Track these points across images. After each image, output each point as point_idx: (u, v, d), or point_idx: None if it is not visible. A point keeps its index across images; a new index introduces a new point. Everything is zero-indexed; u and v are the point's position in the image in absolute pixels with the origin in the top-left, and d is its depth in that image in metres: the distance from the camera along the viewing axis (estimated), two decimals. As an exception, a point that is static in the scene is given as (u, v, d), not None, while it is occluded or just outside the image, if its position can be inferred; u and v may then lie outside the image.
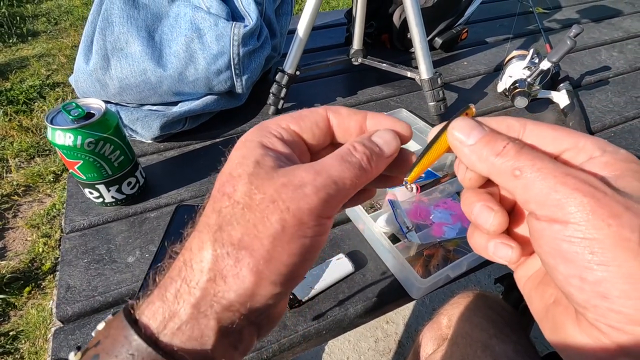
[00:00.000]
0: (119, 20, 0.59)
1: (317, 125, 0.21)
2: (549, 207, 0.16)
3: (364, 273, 0.47)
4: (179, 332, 0.16)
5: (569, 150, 0.19)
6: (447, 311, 0.56)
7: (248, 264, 0.16)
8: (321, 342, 0.43)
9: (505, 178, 0.18)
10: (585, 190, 0.15)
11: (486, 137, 0.19)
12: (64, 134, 0.44)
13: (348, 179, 0.18)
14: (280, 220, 0.17)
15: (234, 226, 0.17)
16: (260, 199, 0.17)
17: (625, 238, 0.15)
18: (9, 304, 1.17)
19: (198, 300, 0.17)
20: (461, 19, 0.92)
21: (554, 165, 0.17)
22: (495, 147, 0.18)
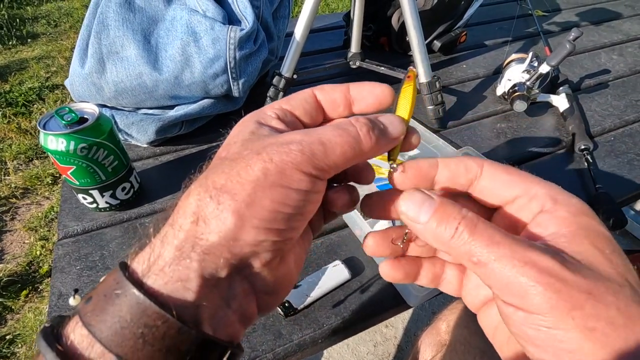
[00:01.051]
0: (114, 23, 0.59)
1: (306, 101, 0.21)
2: (512, 296, 0.16)
3: (360, 280, 0.46)
4: (162, 273, 0.16)
5: (520, 197, 0.19)
6: (445, 317, 0.56)
7: (230, 205, 0.16)
8: (317, 351, 0.42)
9: (464, 261, 0.18)
10: (545, 281, 0.15)
11: (437, 213, 0.18)
12: (57, 139, 0.44)
13: (338, 144, 0.18)
14: (263, 168, 0.17)
15: (218, 174, 0.17)
16: (247, 153, 0.18)
17: (590, 328, 0.15)
18: (6, 307, 1.16)
19: (181, 242, 0.17)
20: (460, 21, 0.91)
21: (511, 250, 0.16)
22: (448, 228, 0.17)
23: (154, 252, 0.17)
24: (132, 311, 0.15)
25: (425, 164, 0.21)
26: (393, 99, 0.21)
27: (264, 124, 0.20)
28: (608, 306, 0.15)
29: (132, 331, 0.15)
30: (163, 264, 0.16)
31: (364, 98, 0.21)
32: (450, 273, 0.23)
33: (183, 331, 0.16)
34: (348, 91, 0.22)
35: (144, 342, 0.15)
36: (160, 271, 0.16)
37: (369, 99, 0.21)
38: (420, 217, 0.18)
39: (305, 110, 0.21)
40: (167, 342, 0.15)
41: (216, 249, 0.16)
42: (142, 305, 0.15)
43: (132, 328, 0.15)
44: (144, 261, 0.17)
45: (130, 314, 0.15)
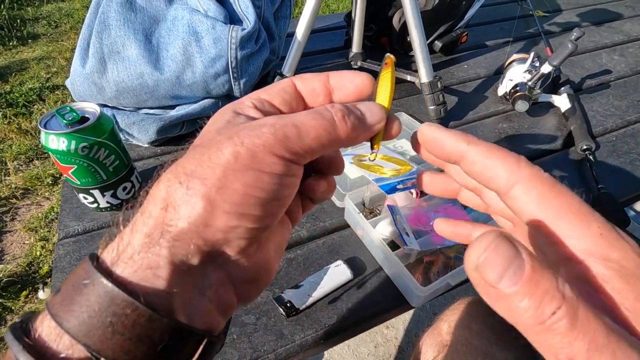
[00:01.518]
0: (115, 23, 0.58)
1: (285, 90, 0.21)
2: None
3: (362, 280, 0.46)
4: (131, 261, 0.16)
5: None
6: (447, 317, 0.56)
7: (199, 190, 0.16)
8: (319, 352, 0.42)
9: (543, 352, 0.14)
10: None
11: (528, 284, 0.13)
12: (58, 138, 0.43)
13: (313, 127, 0.18)
14: (233, 152, 0.16)
15: (189, 160, 0.17)
16: (219, 139, 0.17)
17: None
18: (6, 307, 1.16)
19: (150, 229, 0.16)
20: (461, 22, 0.91)
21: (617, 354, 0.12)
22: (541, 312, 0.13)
23: (123, 240, 0.17)
24: (100, 300, 0.15)
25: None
26: (373, 87, 0.21)
27: (241, 114, 0.19)
28: None
29: (101, 320, 0.15)
30: (132, 251, 0.16)
31: (344, 87, 0.21)
32: None
33: (154, 319, 0.15)
34: (328, 80, 0.21)
35: (113, 331, 0.15)
36: (129, 259, 0.16)
37: (348, 88, 0.21)
38: (502, 285, 0.13)
39: (283, 100, 0.21)
40: (138, 331, 0.15)
41: (186, 235, 0.16)
42: (111, 294, 0.15)
43: (100, 317, 0.15)
44: (114, 250, 0.16)
45: (99, 303, 0.15)
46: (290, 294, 0.43)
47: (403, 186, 0.52)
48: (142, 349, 0.15)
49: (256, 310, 0.43)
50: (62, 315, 0.15)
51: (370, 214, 0.52)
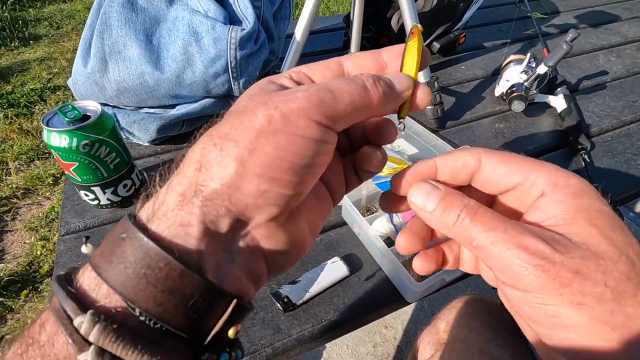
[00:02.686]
0: (117, 23, 0.59)
1: (329, 67, 0.21)
2: (508, 277, 0.17)
3: (359, 276, 0.47)
4: (165, 217, 0.16)
5: (521, 185, 0.19)
6: (444, 315, 0.56)
7: (232, 152, 0.16)
8: (316, 346, 0.43)
9: (466, 246, 0.19)
10: (535, 263, 0.16)
11: (442, 202, 0.19)
12: (60, 135, 0.44)
13: (347, 92, 0.18)
14: (267, 115, 0.17)
15: (223, 124, 0.17)
16: (253, 104, 0.17)
17: (578, 303, 0.16)
18: (6, 307, 1.16)
19: (184, 188, 0.17)
20: (459, 23, 0.92)
21: (506, 235, 0.17)
22: (451, 215, 0.19)
23: (158, 199, 0.17)
24: (135, 253, 0.16)
25: (424, 167, 0.21)
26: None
27: (275, 82, 0.20)
28: (596, 283, 0.16)
29: (136, 272, 0.15)
30: (166, 209, 0.17)
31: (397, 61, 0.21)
32: (466, 253, 0.24)
33: (185, 274, 0.16)
34: (380, 55, 0.21)
35: (147, 282, 0.15)
36: (163, 216, 0.16)
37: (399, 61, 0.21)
38: (427, 206, 0.20)
39: (323, 75, 0.21)
40: (170, 284, 0.15)
41: (218, 195, 0.16)
42: (145, 247, 0.16)
43: (135, 269, 0.15)
44: (149, 208, 0.17)
45: (134, 255, 0.16)
46: (288, 289, 0.44)
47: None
48: (173, 302, 0.16)
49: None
50: (101, 266, 0.16)
51: (367, 211, 0.52)
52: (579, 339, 0.16)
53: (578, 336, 0.16)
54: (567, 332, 0.17)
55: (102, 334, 0.14)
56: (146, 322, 0.15)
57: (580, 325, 0.16)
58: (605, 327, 0.16)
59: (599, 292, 0.16)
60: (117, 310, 0.15)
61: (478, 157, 0.20)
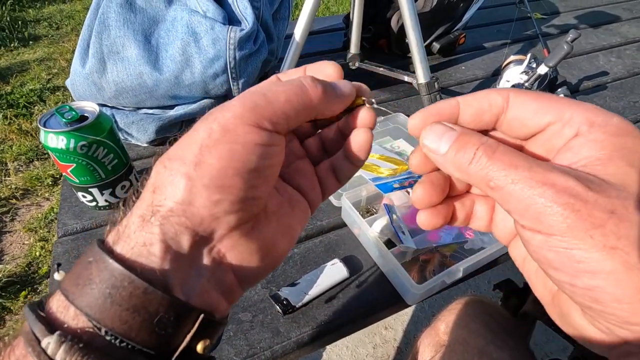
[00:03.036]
0: (115, 23, 0.59)
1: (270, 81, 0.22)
2: (529, 219, 0.16)
3: (359, 278, 0.46)
4: (128, 239, 0.17)
5: (553, 124, 0.17)
6: (444, 317, 0.56)
7: (179, 169, 0.17)
8: (315, 349, 0.42)
9: (482, 188, 0.17)
10: (563, 202, 0.15)
11: (457, 142, 0.18)
12: (57, 136, 0.44)
13: (282, 93, 0.18)
14: (207, 129, 0.17)
15: (173, 147, 0.18)
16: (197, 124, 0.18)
17: (611, 247, 0.14)
18: (5, 308, 1.16)
19: (143, 211, 0.17)
20: (459, 24, 0.92)
21: (530, 172, 0.16)
22: (466, 154, 0.17)
23: (122, 223, 0.18)
24: (101, 274, 0.16)
25: (446, 106, 0.19)
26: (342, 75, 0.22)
27: None
28: (633, 225, 0.14)
29: (101, 292, 0.16)
30: (129, 231, 0.17)
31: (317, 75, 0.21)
32: (480, 209, 0.22)
33: (149, 291, 0.16)
34: (304, 71, 0.22)
35: (112, 302, 0.16)
36: (127, 238, 0.17)
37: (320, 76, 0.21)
38: (440, 148, 0.18)
39: None
40: (134, 302, 0.16)
41: (173, 213, 0.17)
42: (110, 268, 0.16)
43: (100, 289, 0.16)
44: (115, 232, 0.18)
45: (99, 277, 0.16)
46: (287, 291, 0.44)
47: (400, 185, 0.53)
48: (139, 319, 0.16)
49: (253, 308, 0.43)
50: (69, 289, 0.17)
51: (366, 212, 0.52)
52: (608, 287, 0.14)
53: (607, 284, 0.14)
54: (594, 280, 0.15)
55: (67, 354, 0.15)
56: (112, 341, 0.16)
57: (611, 271, 0.14)
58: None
59: (636, 236, 0.14)
60: (84, 331, 0.16)
61: (506, 95, 0.19)
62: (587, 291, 0.15)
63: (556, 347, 1.06)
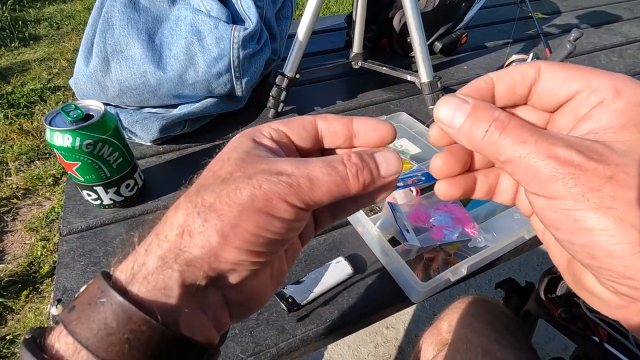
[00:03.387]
0: (119, 22, 0.59)
1: (304, 128, 0.22)
2: (535, 187, 0.17)
3: (363, 276, 0.46)
4: (145, 281, 0.17)
5: (581, 92, 0.18)
6: (447, 316, 0.56)
7: (215, 224, 0.17)
8: (320, 347, 0.43)
9: (494, 160, 0.18)
10: (564, 171, 0.16)
11: (470, 116, 0.18)
12: (63, 135, 0.44)
13: (325, 183, 0.19)
14: (251, 194, 0.18)
15: (209, 193, 0.18)
16: (238, 175, 0.18)
17: (606, 207, 0.15)
18: (7, 307, 1.16)
19: (165, 252, 0.17)
20: (460, 23, 0.92)
21: (536, 147, 0.17)
22: (480, 129, 0.18)
23: (137, 261, 0.18)
24: (118, 318, 0.16)
25: (482, 82, 0.20)
26: (395, 137, 0.21)
27: (259, 143, 0.20)
28: (631, 189, 0.15)
29: (119, 337, 0.16)
30: (146, 272, 0.17)
31: (367, 134, 0.21)
32: (505, 182, 0.23)
33: (166, 334, 0.17)
34: (351, 124, 0.22)
35: (129, 347, 0.16)
36: (144, 279, 0.17)
37: (372, 135, 0.21)
38: (454, 122, 0.19)
39: (300, 136, 0.22)
40: (152, 346, 0.16)
41: (198, 262, 0.17)
42: (128, 312, 0.16)
43: (118, 334, 0.16)
44: (128, 270, 0.18)
45: (117, 321, 0.16)
46: (292, 289, 0.44)
47: (403, 184, 0.53)
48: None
49: (258, 306, 0.43)
50: (80, 332, 0.16)
51: (370, 211, 0.52)
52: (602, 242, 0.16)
53: (600, 240, 0.16)
54: (589, 236, 0.16)
55: None
56: None
57: (604, 228, 0.15)
58: (633, 230, 0.15)
59: (633, 198, 0.15)
60: None
61: (537, 67, 0.19)
62: (583, 247, 0.16)
63: (557, 347, 1.06)
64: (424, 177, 0.58)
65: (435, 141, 0.21)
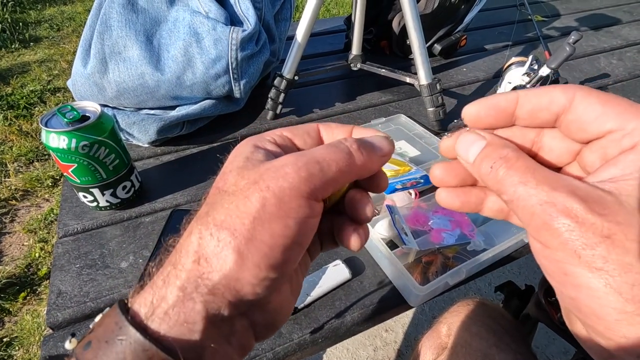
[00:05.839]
0: (117, 24, 0.59)
1: (309, 134, 0.22)
2: (531, 230, 0.17)
3: (361, 280, 0.46)
4: (166, 316, 0.16)
5: (613, 133, 0.17)
6: (446, 319, 0.56)
7: (230, 242, 0.16)
8: (317, 351, 0.42)
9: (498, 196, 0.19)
10: (561, 222, 0.16)
11: (481, 153, 0.19)
12: (58, 136, 0.44)
13: (333, 161, 0.18)
14: (261, 198, 0.17)
15: (218, 210, 0.17)
16: (244, 184, 0.17)
17: (597, 268, 0.15)
18: (4, 309, 1.15)
19: (184, 282, 0.16)
20: (460, 26, 0.92)
21: (536, 190, 0.16)
22: (485, 166, 0.18)
23: (156, 294, 0.17)
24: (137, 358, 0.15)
25: (503, 100, 0.20)
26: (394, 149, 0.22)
27: (260, 147, 0.20)
28: (627, 252, 0.15)
29: None
30: (167, 306, 0.16)
31: None
32: None
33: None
34: (351, 132, 0.22)
35: None
36: (164, 314, 0.16)
37: None
38: (469, 157, 0.19)
39: (305, 142, 0.22)
40: None
41: (219, 288, 0.16)
42: (149, 352, 0.15)
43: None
44: (147, 304, 0.17)
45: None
46: (289, 293, 0.43)
47: (402, 186, 0.52)
48: None
49: (254, 309, 0.43)
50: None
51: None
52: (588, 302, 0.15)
53: (587, 299, 0.15)
54: (577, 292, 0.16)
55: None
56: None
57: (592, 288, 0.15)
58: (618, 297, 0.15)
59: (627, 262, 0.15)
60: None
61: (572, 94, 0.18)
62: (571, 300, 0.16)
63: (557, 350, 1.05)
64: (422, 179, 0.58)
65: (445, 153, 0.22)
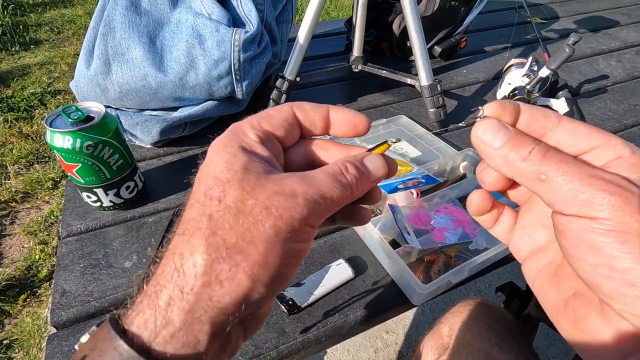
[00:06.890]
0: (120, 25, 0.59)
1: (287, 121, 0.22)
2: (576, 206, 0.17)
3: (364, 279, 0.46)
4: (173, 339, 0.16)
5: (599, 148, 0.19)
6: (448, 320, 0.56)
7: (244, 268, 0.17)
8: (320, 350, 0.42)
9: (530, 182, 0.19)
10: (612, 190, 0.16)
11: (512, 140, 0.19)
12: (63, 136, 0.44)
13: (336, 196, 0.19)
14: (274, 226, 0.17)
15: (227, 230, 0.17)
16: (252, 204, 0.17)
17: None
18: (4, 311, 1.15)
19: (192, 306, 0.16)
20: (460, 27, 0.93)
21: (579, 168, 0.17)
22: (521, 152, 0.19)
23: (159, 316, 0.17)
24: None
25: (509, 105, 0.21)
26: (369, 129, 0.22)
27: (251, 152, 0.20)
28: None
29: None
30: (173, 330, 0.16)
31: (342, 125, 0.22)
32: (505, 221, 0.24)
33: None
34: (328, 114, 0.22)
35: None
36: (171, 338, 0.16)
37: (346, 126, 0.22)
38: (494, 143, 0.19)
39: (285, 131, 0.22)
40: None
41: (228, 309, 0.17)
42: None
43: None
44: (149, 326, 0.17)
45: None
46: (292, 292, 0.44)
47: (404, 186, 0.53)
48: None
49: (258, 308, 0.43)
50: None
51: (371, 213, 0.52)
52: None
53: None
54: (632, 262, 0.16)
55: None
56: None
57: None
58: None
59: None
60: None
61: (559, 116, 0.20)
62: (624, 273, 0.16)
63: (558, 351, 1.05)
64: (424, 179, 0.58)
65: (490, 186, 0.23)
